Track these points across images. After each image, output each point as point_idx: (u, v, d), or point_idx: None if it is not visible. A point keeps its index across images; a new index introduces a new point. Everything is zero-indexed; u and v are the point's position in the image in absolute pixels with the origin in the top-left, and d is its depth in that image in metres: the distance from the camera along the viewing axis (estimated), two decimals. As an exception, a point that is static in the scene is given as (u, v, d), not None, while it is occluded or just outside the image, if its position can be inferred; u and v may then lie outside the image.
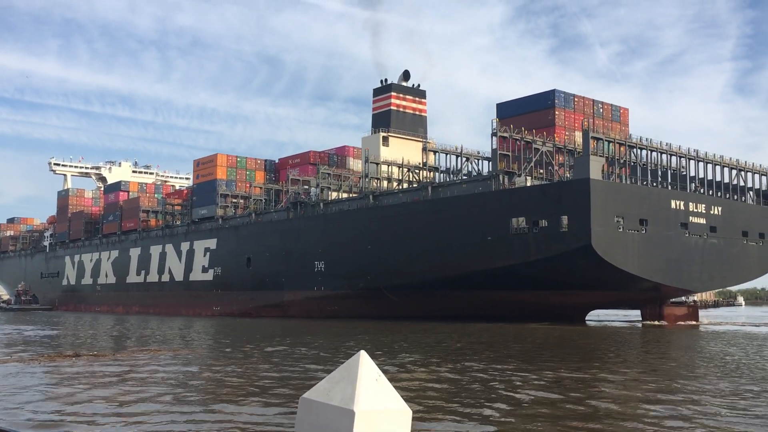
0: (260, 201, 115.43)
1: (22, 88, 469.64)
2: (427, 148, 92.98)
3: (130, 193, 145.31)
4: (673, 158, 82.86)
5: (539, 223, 72.20)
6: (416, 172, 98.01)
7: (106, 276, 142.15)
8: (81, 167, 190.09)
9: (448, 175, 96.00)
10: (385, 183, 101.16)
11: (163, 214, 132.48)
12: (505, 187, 77.33)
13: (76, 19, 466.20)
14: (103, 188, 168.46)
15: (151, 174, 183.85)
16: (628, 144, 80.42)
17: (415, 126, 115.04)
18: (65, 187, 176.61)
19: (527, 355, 39.45)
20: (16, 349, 44.62)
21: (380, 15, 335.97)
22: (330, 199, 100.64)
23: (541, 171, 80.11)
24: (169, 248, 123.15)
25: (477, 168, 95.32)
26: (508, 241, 73.77)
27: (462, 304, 79.29)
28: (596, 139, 76.26)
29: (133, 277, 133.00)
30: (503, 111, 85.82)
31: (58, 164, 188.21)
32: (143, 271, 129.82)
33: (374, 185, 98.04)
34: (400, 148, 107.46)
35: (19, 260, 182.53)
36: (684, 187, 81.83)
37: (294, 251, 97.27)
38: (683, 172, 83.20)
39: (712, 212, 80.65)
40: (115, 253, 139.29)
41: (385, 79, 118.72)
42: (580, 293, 74.72)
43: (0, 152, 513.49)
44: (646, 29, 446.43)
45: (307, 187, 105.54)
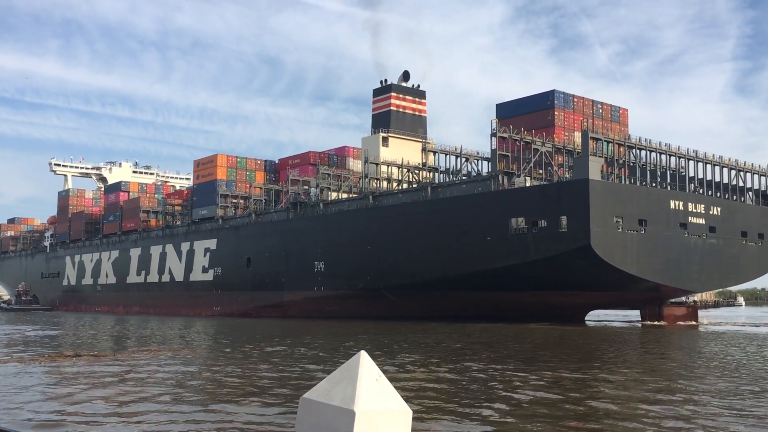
0: (260, 201, 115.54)
1: (22, 88, 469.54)
2: (427, 149, 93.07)
3: (131, 194, 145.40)
4: (673, 158, 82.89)
5: (538, 224, 72.27)
6: (416, 172, 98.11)
7: (107, 276, 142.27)
8: (81, 167, 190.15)
9: (448, 176, 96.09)
10: (385, 183, 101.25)
11: (164, 215, 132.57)
12: (505, 187, 77.40)
13: (76, 20, 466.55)
14: (103, 188, 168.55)
15: (152, 174, 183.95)
16: (627, 144, 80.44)
17: (414, 126, 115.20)
18: (66, 188, 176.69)
19: (527, 356, 39.50)
20: (17, 349, 44.70)
21: (380, 15, 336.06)
22: (330, 200, 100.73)
23: (541, 171, 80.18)
24: (170, 248, 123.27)
25: (476, 168, 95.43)
26: (508, 241, 73.85)
27: (461, 305, 79.37)
28: (595, 139, 76.30)
29: (133, 278, 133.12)
30: (503, 111, 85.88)
31: (59, 164, 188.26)
32: (143, 272, 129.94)
33: (374, 185, 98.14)
34: (400, 149, 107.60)
35: (20, 260, 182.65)
36: (683, 188, 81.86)
37: (294, 251, 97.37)
38: (682, 172, 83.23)
39: (712, 212, 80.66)
40: (116, 254, 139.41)
41: (385, 80, 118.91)
42: (580, 293, 74.79)
43: (0, 152, 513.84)
44: (646, 29, 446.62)
45: (306, 188, 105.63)
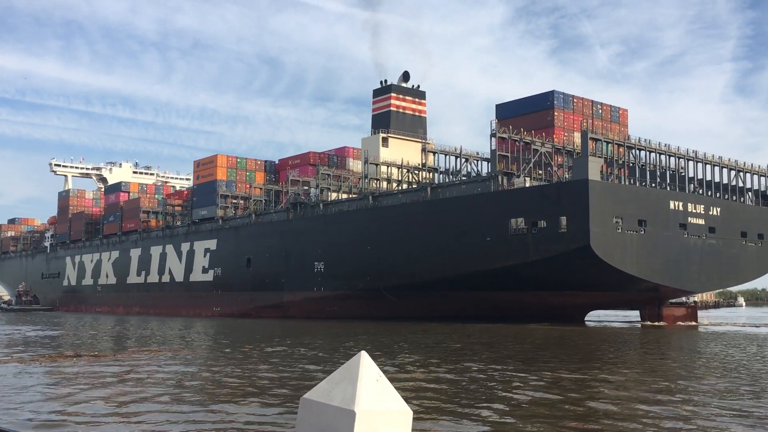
0: (260, 202, 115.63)
1: (23, 88, 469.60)
2: (427, 149, 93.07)
3: (131, 194, 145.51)
4: (672, 159, 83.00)
5: (538, 224, 72.33)
6: (415, 172, 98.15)
7: (107, 277, 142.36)
8: (82, 168, 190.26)
9: (448, 176, 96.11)
10: (385, 184, 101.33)
11: (164, 215, 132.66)
12: (504, 187, 77.47)
13: (76, 20, 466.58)
14: (103, 189, 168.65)
15: (152, 175, 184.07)
16: (626, 145, 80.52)
17: (414, 127, 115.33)
18: (66, 188, 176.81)
19: (526, 356, 39.53)
20: (17, 349, 44.76)
21: (380, 16, 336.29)
22: (330, 200, 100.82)
23: (540, 172, 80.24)
24: (170, 249, 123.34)
25: (476, 169, 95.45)
26: (507, 241, 73.92)
27: (461, 305, 79.43)
28: (595, 139, 76.37)
29: (133, 278, 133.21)
30: (502, 112, 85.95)
31: (59, 165, 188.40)
32: (143, 272, 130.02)
33: (374, 186, 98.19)
34: (400, 149, 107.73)
35: (20, 261, 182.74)
36: (683, 188, 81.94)
37: (294, 252, 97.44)
38: (682, 172, 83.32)
39: (711, 213, 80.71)
40: (116, 254, 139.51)
41: (385, 80, 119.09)
42: (579, 294, 74.85)
43: (1, 153, 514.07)
44: (646, 30, 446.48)
45: (306, 188, 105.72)
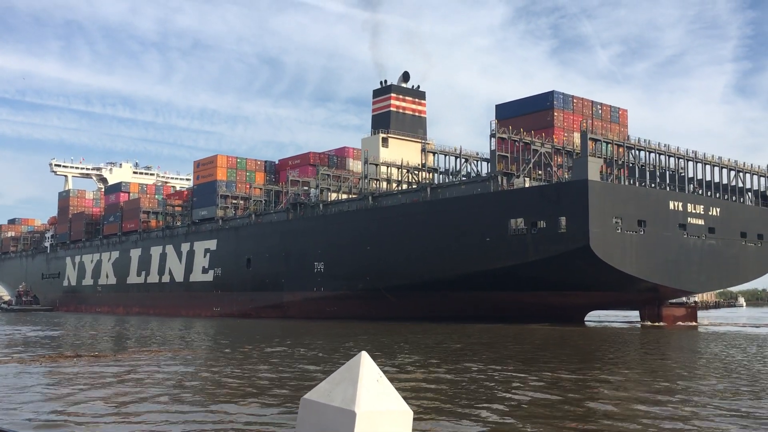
0: (260, 202, 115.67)
1: (23, 89, 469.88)
2: (426, 149, 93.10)
3: (131, 194, 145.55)
4: (672, 159, 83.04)
5: (538, 224, 72.38)
6: (415, 173, 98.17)
7: (107, 277, 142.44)
8: (82, 168, 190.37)
9: (447, 176, 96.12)
10: (385, 184, 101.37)
11: (164, 215, 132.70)
12: (504, 188, 77.52)
13: (77, 21, 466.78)
14: (103, 189, 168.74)
15: (152, 175, 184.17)
16: (626, 145, 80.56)
17: (414, 127, 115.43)
18: (66, 188, 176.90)
19: (526, 356, 39.56)
20: (17, 349, 44.83)
21: (380, 16, 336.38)
22: (329, 200, 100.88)
23: (540, 172, 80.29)
24: (170, 249, 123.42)
25: (476, 169, 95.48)
26: (507, 242, 73.96)
27: (461, 305, 79.47)
28: (595, 140, 76.40)
29: (133, 278, 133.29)
30: (502, 112, 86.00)
31: (59, 165, 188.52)
32: (144, 272, 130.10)
33: (373, 186, 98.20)
34: (400, 149, 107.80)
35: (20, 261, 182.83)
36: (682, 188, 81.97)
37: (293, 252, 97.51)
38: (682, 173, 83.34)
39: (711, 213, 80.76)
40: (116, 254, 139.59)
41: (385, 81, 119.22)
42: (579, 294, 74.89)
43: (1, 153, 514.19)
44: (646, 30, 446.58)
45: (306, 188, 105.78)
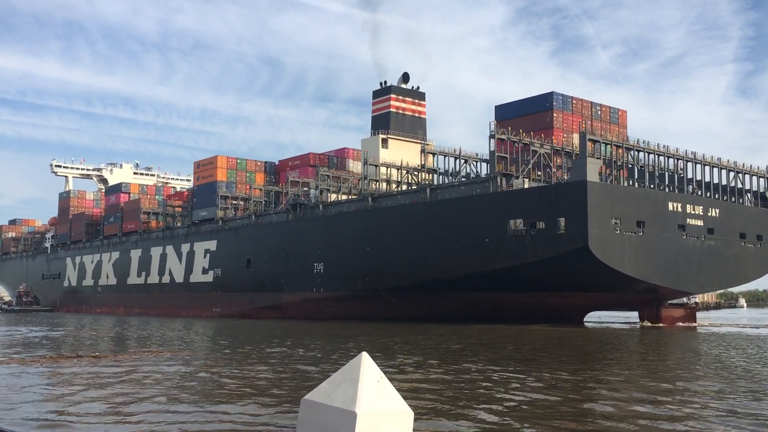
0: (260, 203, 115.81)
1: (23, 89, 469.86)
2: (426, 150, 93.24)
3: (131, 195, 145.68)
4: (671, 160, 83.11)
5: (537, 225, 72.49)
6: (415, 174, 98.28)
7: (107, 277, 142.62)
8: (82, 169, 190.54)
9: (447, 177, 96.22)
10: (384, 185, 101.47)
11: (164, 216, 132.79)
12: (503, 189, 77.63)
13: (77, 21, 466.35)
14: (104, 190, 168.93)
15: (152, 176, 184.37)
16: (625, 146, 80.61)
17: (414, 128, 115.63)
18: (66, 189, 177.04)
19: (526, 357, 39.70)
20: (18, 350, 45.01)
21: (380, 16, 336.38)
22: (329, 201, 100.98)
23: (539, 173, 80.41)
24: (170, 250, 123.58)
25: (475, 170, 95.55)
26: (506, 242, 74.08)
27: (460, 306, 79.58)
28: (594, 141, 76.45)
29: (133, 279, 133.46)
30: (501, 113, 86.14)
31: (60, 166, 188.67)
32: (144, 273, 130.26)
33: (373, 187, 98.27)
34: (399, 150, 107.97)
35: (21, 262, 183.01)
36: (681, 189, 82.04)
37: (293, 253, 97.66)
38: (681, 174, 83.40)
39: (710, 214, 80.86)
40: (116, 255, 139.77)
41: (385, 81, 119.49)
42: (578, 295, 74.98)
43: (1, 153, 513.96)
44: (647, 31, 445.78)
45: (306, 189, 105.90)
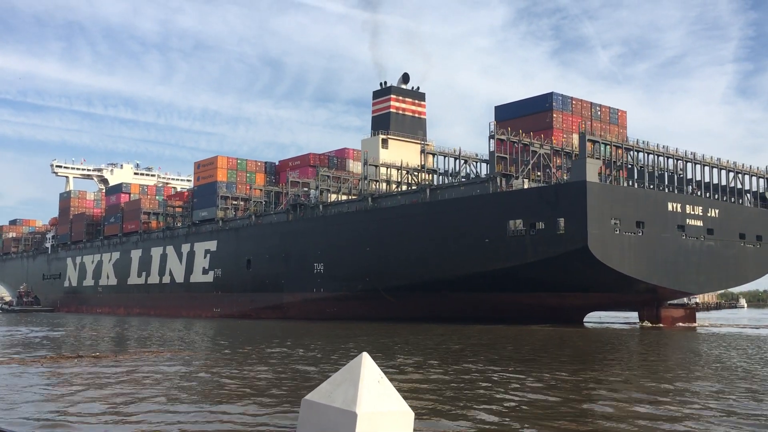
0: (260, 203, 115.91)
1: (24, 89, 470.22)
2: (426, 151, 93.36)
3: (132, 195, 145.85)
4: (670, 160, 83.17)
5: (536, 226, 72.59)
6: (415, 174, 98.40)
7: (108, 277, 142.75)
8: (83, 169, 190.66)
9: (447, 178, 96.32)
10: (384, 185, 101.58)
11: (164, 216, 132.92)
12: (503, 189, 77.75)
13: (78, 21, 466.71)
14: (104, 190, 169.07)
15: (153, 176, 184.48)
16: (625, 146, 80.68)
17: (414, 128, 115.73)
18: (67, 189, 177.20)
19: (526, 357, 39.77)
20: (18, 350, 45.12)
21: (380, 16, 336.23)
22: (329, 201, 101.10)
23: (539, 173, 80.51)
24: (170, 250, 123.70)
25: (475, 170, 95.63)
26: (506, 243, 74.18)
27: (460, 306, 79.69)
28: (593, 141, 76.51)
29: (134, 279, 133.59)
30: (501, 113, 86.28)
31: (60, 166, 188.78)
32: (144, 273, 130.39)
33: (373, 187, 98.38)
34: (399, 151, 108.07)
35: (21, 262, 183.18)
36: (681, 190, 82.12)
37: (293, 253, 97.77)
38: (680, 174, 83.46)
39: (709, 214, 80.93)
40: (117, 255, 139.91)
41: (385, 82, 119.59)
42: (578, 295, 75.10)
43: (2, 154, 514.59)
44: (648, 31, 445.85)
45: (306, 189, 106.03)
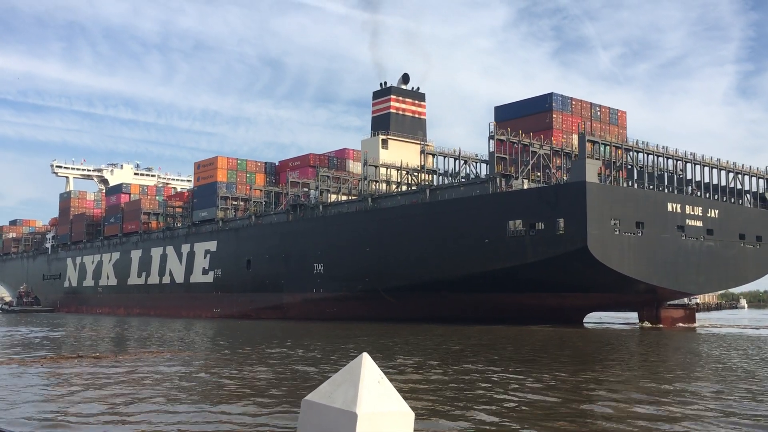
0: (260, 203, 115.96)
1: (24, 90, 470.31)
2: (426, 151, 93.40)
3: (132, 196, 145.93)
4: (670, 161, 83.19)
5: (536, 226, 72.64)
6: (415, 174, 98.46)
7: (108, 278, 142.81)
8: (83, 169, 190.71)
9: (446, 178, 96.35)
10: (384, 185, 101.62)
11: (164, 216, 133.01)
12: (503, 189, 77.82)
13: (78, 22, 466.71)
14: (104, 190, 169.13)
15: (153, 176, 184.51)
16: (624, 147, 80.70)
17: (414, 129, 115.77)
18: (67, 190, 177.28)
19: (526, 358, 39.80)
20: (18, 350, 45.17)
21: (380, 17, 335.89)
22: (329, 202, 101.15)
23: (539, 174, 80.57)
24: (170, 250, 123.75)
25: (475, 171, 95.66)
26: (505, 243, 74.23)
27: (460, 306, 79.73)
28: (593, 142, 76.52)
29: (134, 279, 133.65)
30: (501, 114, 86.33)
31: (61, 166, 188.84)
32: (144, 273, 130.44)
33: (373, 188, 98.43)
34: (399, 151, 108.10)
35: (21, 262, 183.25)
36: (681, 190, 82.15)
37: (293, 253, 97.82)
38: (680, 174, 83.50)
39: (709, 215, 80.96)
40: (117, 255, 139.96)
41: (385, 82, 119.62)
42: (577, 295, 75.14)
43: (2, 154, 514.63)
44: (648, 31, 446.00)
45: (306, 190, 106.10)
